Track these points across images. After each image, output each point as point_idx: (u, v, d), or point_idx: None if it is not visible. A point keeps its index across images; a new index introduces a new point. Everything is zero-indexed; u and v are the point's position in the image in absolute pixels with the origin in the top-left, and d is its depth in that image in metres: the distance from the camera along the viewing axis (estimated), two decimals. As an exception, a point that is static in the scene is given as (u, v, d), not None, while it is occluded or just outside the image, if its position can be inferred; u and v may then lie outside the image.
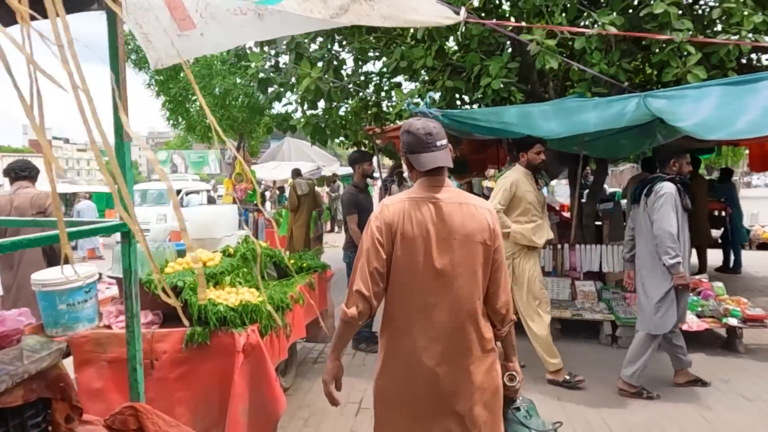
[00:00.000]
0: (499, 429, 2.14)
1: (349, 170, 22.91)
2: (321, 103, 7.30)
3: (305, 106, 6.60)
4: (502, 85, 5.63)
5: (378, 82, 7.82)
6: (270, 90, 6.74)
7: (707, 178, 10.95)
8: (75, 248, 14.38)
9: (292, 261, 4.62)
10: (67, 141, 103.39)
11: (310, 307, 4.48)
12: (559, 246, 6.53)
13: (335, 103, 7.11)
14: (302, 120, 6.52)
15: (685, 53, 5.64)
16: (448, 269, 2.04)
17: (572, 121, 4.46)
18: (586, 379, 4.54)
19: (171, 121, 8.11)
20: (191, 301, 3.06)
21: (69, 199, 16.39)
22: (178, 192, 16.95)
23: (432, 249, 2.03)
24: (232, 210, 4.48)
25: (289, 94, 7.06)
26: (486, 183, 15.29)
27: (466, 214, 2.07)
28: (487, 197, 11.01)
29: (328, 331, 4.98)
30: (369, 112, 8.13)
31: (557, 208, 11.32)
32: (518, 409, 2.37)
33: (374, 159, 6.35)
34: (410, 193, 2.13)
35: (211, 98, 7.22)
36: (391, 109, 10.04)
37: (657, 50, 5.69)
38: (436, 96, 5.11)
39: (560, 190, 21.07)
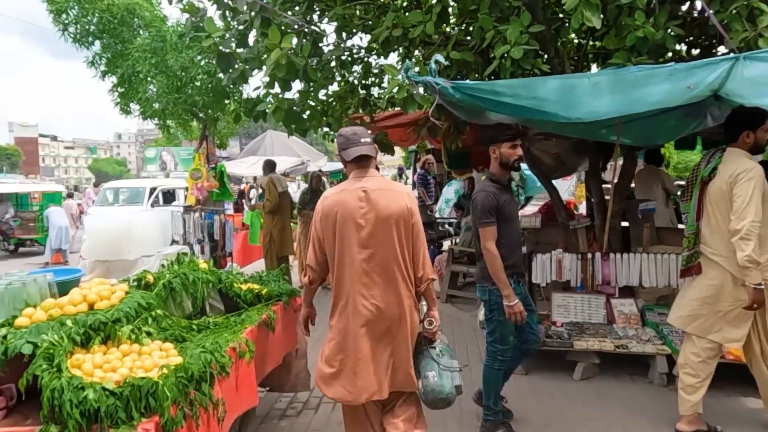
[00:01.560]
0: (410, 360, 2.71)
1: (339, 166, 21.57)
2: (298, 85, 6.05)
3: (275, 87, 5.32)
4: (523, 54, 4.39)
5: (366, 58, 6.56)
6: (233, 68, 5.47)
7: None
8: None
9: (246, 287, 3.37)
10: (54, 138, 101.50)
11: (272, 351, 3.25)
12: (588, 255, 5.31)
13: (314, 84, 5.85)
14: (272, 103, 5.25)
15: (756, 12, 4.45)
16: (377, 242, 2.63)
17: (633, 97, 3.24)
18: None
19: (121, 107, 6.82)
20: (44, 381, 1.82)
21: (21, 199, 15.07)
22: (153, 190, 15.64)
23: (363, 227, 2.62)
24: (158, 219, 3.24)
25: (258, 73, 5.79)
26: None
27: (389, 198, 2.65)
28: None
29: (299, 377, 3.74)
30: (355, 97, 6.86)
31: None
32: (434, 348, 2.80)
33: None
34: (345, 185, 2.72)
35: (166, 78, 5.95)
36: (383, 97, 8.82)
37: (716, 11, 4.51)
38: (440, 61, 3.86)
39: (559, 186, 19.54)
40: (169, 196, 15.53)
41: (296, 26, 5.67)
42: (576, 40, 6.93)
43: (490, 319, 3.46)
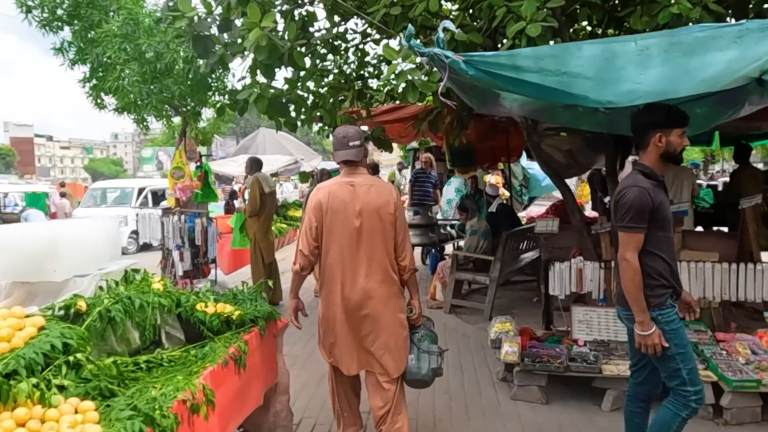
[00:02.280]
0: (396, 344, 2.92)
1: (336, 165, 20.97)
2: (288, 75, 5.43)
3: (257, 74, 4.70)
4: (541, 32, 3.78)
5: (361, 45, 5.96)
6: (212, 53, 4.85)
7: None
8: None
9: (213, 309, 2.75)
10: (50, 138, 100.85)
11: (247, 391, 2.64)
12: (613, 264, 4.71)
13: (303, 72, 5.24)
14: (254, 91, 4.62)
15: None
16: (364, 232, 2.86)
17: (688, 68, 2.61)
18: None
19: (93, 100, 6.20)
20: None
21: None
22: (141, 191, 15.01)
23: (351, 217, 2.86)
24: (99, 228, 2.61)
25: (244, 62, 5.17)
26: (489, 178, 13.45)
27: (374, 193, 2.91)
28: (491, 197, 9.15)
29: (279, 416, 3.13)
30: (350, 88, 6.25)
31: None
32: (416, 332, 3.04)
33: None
34: (336, 179, 3.00)
35: (138, 65, 5.33)
36: (381, 88, 8.23)
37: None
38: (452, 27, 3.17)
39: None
40: (159, 197, 14.90)
41: (283, 7, 5.07)
42: (589, 28, 6.35)
43: (669, 357, 2.60)
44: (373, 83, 7.58)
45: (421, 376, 2.93)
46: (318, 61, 5.44)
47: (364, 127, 7.82)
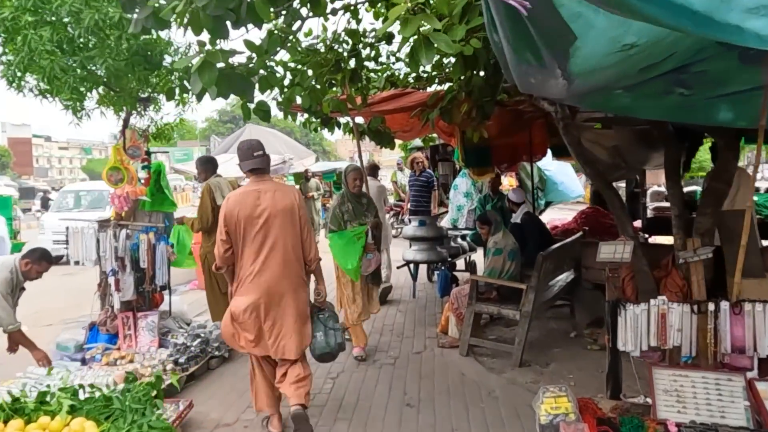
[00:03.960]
0: (307, 326, 3.55)
1: (333, 165, 19.41)
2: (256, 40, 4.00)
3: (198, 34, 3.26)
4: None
5: (352, 4, 4.53)
6: (143, 4, 3.43)
7: None
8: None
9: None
10: (48, 139, 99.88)
11: None
12: (711, 306, 3.27)
13: (271, 36, 3.80)
14: (199, 58, 3.20)
15: None
16: (272, 232, 3.35)
17: None
18: None
19: (10, 80, 4.81)
20: None
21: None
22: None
23: (260, 219, 3.32)
24: None
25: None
26: (502, 180, 11.97)
27: (278, 197, 3.39)
28: (515, 204, 7.57)
29: None
30: (343, 68, 4.82)
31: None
32: (323, 314, 3.65)
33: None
34: (244, 188, 3.49)
35: (51, 30, 3.92)
36: (380, 72, 6.81)
37: None
38: None
39: (569, 184, 13.43)
40: (137, 201, 13.52)
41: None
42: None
43: None
44: (370, 65, 6.17)
45: (330, 349, 3.58)
46: (297, 23, 4.00)
47: (359, 119, 6.41)
